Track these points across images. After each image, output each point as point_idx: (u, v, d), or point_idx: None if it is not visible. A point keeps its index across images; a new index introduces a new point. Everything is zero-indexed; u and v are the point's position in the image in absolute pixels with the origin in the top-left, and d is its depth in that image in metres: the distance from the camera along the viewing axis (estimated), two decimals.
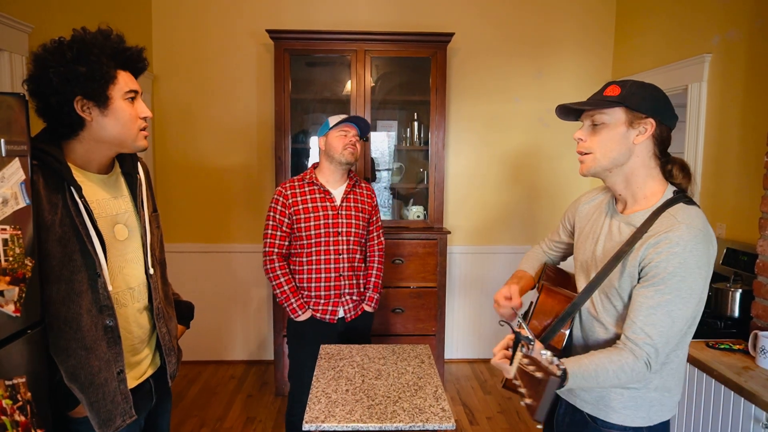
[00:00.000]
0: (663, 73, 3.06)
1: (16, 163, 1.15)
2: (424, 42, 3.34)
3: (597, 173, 1.34)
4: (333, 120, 2.33)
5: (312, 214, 2.28)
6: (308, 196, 2.31)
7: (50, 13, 2.57)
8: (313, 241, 2.28)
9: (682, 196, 1.31)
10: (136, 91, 1.36)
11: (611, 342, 1.31)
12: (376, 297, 2.47)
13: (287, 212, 2.29)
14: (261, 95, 3.68)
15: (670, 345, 1.23)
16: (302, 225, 2.28)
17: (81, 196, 1.27)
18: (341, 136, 2.29)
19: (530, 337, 1.16)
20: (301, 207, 2.28)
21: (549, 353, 1.11)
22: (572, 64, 3.77)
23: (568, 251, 1.70)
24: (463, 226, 3.88)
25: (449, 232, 3.48)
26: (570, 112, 1.38)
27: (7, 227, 1.13)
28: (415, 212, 3.58)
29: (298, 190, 2.31)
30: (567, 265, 1.75)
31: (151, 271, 1.47)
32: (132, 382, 1.43)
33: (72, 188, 1.26)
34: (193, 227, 3.77)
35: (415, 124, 3.64)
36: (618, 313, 1.32)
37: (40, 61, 1.24)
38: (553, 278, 1.61)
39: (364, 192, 2.45)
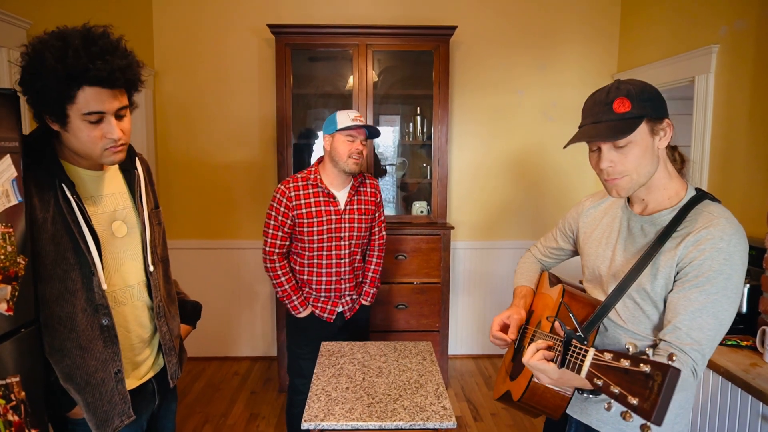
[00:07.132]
0: (669, 65, 3.01)
1: (7, 159, 1.14)
2: (427, 36, 3.30)
3: (634, 190, 1.26)
4: (341, 120, 2.19)
5: (315, 219, 2.23)
6: (312, 199, 2.24)
7: (49, 8, 2.55)
8: (315, 245, 2.26)
9: (705, 193, 1.25)
10: (102, 113, 1.20)
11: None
12: (372, 291, 2.45)
13: (290, 214, 2.23)
14: (262, 91, 3.66)
15: (714, 350, 1.16)
16: (305, 229, 2.24)
17: (74, 193, 1.25)
18: (348, 141, 2.19)
19: (583, 336, 1.10)
20: (304, 210, 2.23)
21: (632, 345, 1.00)
22: (577, 55, 3.72)
23: (564, 258, 1.66)
24: (466, 221, 3.85)
25: (453, 228, 3.46)
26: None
27: None
28: (418, 207, 3.55)
29: (301, 192, 2.24)
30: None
31: (151, 268, 1.44)
32: (134, 382, 1.41)
33: (63, 185, 1.24)
34: (195, 223, 3.76)
35: (418, 118, 3.61)
36: (650, 320, 1.25)
37: (23, 63, 1.18)
38: (556, 283, 1.58)
39: (369, 191, 2.38)
